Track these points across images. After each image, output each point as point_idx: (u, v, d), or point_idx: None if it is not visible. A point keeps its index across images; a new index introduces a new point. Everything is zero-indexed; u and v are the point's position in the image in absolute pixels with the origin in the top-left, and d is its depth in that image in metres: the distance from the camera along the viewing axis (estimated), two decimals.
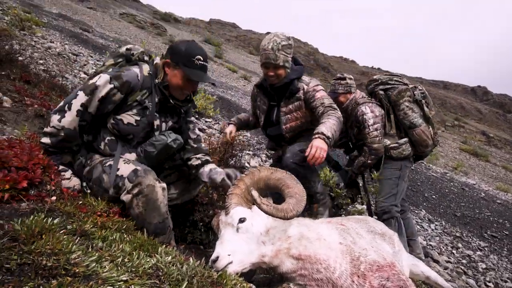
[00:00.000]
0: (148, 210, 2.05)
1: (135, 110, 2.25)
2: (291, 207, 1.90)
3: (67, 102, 2.10)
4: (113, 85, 2.14)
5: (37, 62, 6.17)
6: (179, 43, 2.36)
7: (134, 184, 2.02)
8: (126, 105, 2.24)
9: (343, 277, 1.83)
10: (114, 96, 2.16)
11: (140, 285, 1.24)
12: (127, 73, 2.21)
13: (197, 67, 2.29)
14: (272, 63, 2.91)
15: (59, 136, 2.07)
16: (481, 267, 5.83)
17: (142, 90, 2.27)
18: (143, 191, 2.02)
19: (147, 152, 2.30)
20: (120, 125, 2.22)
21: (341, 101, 3.90)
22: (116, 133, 2.26)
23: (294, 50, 3.13)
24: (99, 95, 2.12)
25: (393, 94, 3.83)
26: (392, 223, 3.74)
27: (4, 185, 1.57)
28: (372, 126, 3.67)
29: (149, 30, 27.18)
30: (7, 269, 1.11)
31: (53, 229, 1.38)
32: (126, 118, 2.23)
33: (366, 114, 3.70)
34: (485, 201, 10.68)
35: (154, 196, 2.06)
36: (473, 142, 29.90)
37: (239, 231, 1.92)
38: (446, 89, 61.86)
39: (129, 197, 2.03)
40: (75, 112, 2.07)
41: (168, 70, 2.32)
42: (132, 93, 2.23)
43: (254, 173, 2.11)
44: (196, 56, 2.27)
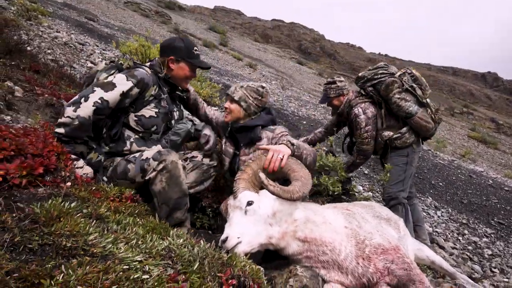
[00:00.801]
0: (170, 185, 2.25)
1: (152, 104, 2.51)
2: (297, 189, 1.98)
3: (83, 96, 2.22)
4: (131, 81, 2.34)
5: (45, 52, 6.22)
6: (175, 41, 2.70)
7: (159, 161, 2.22)
8: (144, 101, 2.47)
9: (348, 259, 1.89)
10: (131, 91, 2.36)
11: (154, 265, 1.30)
12: (137, 71, 2.44)
13: (197, 57, 2.72)
14: (229, 95, 2.80)
15: (73, 125, 2.14)
16: (487, 254, 5.86)
17: (154, 86, 2.51)
18: (167, 167, 2.23)
19: (173, 141, 2.63)
20: (143, 119, 2.46)
21: (335, 105, 4.00)
22: (140, 129, 2.47)
23: (300, 37, 3.10)
24: (121, 90, 2.29)
25: (382, 89, 3.80)
26: (399, 209, 3.77)
27: (22, 171, 1.63)
28: (363, 128, 3.74)
29: (154, 18, 27.04)
30: (30, 249, 1.18)
31: (70, 212, 1.44)
32: (147, 113, 2.47)
33: (359, 116, 3.76)
34: (492, 188, 10.63)
35: (177, 173, 2.27)
36: (482, 129, 29.53)
37: (247, 214, 1.99)
38: (455, 76, 60.85)
39: (154, 174, 2.23)
40: (91, 103, 2.18)
41: (172, 65, 2.64)
42: (146, 89, 2.46)
43: (261, 158, 2.16)
44: (193, 48, 2.69)
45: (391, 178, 3.86)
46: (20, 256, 1.13)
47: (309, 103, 16.35)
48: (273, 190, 1.93)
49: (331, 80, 4.07)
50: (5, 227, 1.23)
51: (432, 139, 5.38)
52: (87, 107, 2.16)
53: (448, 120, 29.12)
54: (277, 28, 51.32)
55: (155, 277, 1.21)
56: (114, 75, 2.40)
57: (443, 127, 24.82)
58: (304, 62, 38.09)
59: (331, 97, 3.99)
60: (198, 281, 1.33)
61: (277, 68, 27.21)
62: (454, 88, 51.07)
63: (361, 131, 3.76)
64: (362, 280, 1.88)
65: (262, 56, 31.39)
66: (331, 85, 4.01)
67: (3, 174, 1.54)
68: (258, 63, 24.43)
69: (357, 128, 3.78)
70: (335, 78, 4.09)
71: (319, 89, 24.06)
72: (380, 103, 3.87)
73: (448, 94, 47.59)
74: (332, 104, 4.03)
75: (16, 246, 1.16)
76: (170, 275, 1.27)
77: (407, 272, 1.88)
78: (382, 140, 3.87)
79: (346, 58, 50.08)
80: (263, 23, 53.08)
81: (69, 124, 2.14)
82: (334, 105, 4.04)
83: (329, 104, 4.12)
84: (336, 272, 1.91)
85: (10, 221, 1.25)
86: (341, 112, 4.00)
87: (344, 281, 1.90)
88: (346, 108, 3.94)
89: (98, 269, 1.14)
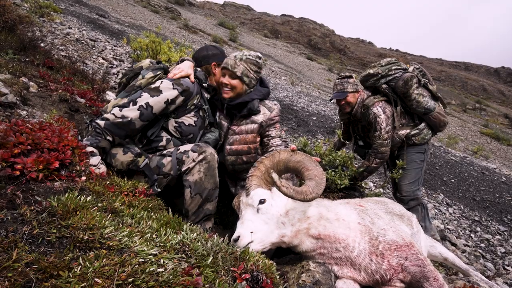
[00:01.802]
0: (207, 175, 2.33)
1: (193, 112, 2.56)
2: (311, 189, 1.92)
3: (132, 100, 2.30)
4: (177, 90, 2.40)
5: (58, 48, 6.30)
6: (208, 48, 2.83)
7: (199, 152, 2.31)
8: (186, 109, 2.52)
9: (361, 256, 1.88)
10: (177, 99, 2.42)
11: (168, 259, 1.31)
12: (184, 80, 2.49)
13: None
14: (229, 69, 2.60)
15: (115, 121, 2.20)
16: (499, 251, 5.77)
17: (197, 95, 2.58)
18: (207, 158, 2.32)
19: None
20: (183, 126, 2.50)
21: (350, 102, 3.69)
22: (177, 135, 2.51)
23: (310, 32, 3.05)
24: (166, 98, 2.34)
25: (400, 86, 3.58)
26: (419, 209, 3.67)
27: (38, 165, 1.66)
28: (384, 128, 3.53)
29: (164, 14, 27.14)
30: (48, 241, 1.20)
31: (86, 206, 1.46)
32: (186, 120, 2.51)
33: (379, 116, 3.54)
34: (506, 185, 10.44)
35: (214, 164, 2.37)
36: (495, 125, 28.97)
37: (259, 212, 1.98)
38: (467, 71, 59.69)
39: (193, 164, 2.29)
40: (137, 107, 2.25)
41: (215, 71, 2.75)
42: (190, 98, 2.51)
43: (274, 155, 2.14)
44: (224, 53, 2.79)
45: (409, 176, 3.73)
46: (39, 248, 1.15)
47: (319, 98, 16.25)
48: (285, 192, 1.89)
49: (348, 74, 3.78)
50: (24, 219, 1.25)
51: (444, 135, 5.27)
52: (133, 109, 2.25)
53: (460, 116, 28.64)
54: (286, 23, 50.99)
55: (170, 270, 1.23)
56: (161, 79, 2.46)
57: (455, 123, 24.43)
58: (314, 58, 37.83)
59: (348, 92, 3.65)
60: (212, 275, 1.33)
61: (287, 64, 27.08)
62: (466, 84, 50.14)
63: (381, 132, 3.54)
64: (375, 277, 1.87)
65: (271, 51, 31.27)
66: (348, 79, 3.69)
67: (20, 168, 1.56)
68: (267, 59, 24.34)
69: (377, 129, 3.56)
70: (346, 73, 3.84)
71: (329, 84, 23.87)
72: (395, 101, 3.70)
73: (460, 90, 46.76)
74: (346, 100, 3.68)
75: (34, 239, 1.18)
76: (184, 269, 1.28)
77: (421, 269, 1.86)
78: (400, 139, 3.72)
79: (356, 53, 49.54)
80: (272, 18, 52.80)
81: (111, 120, 2.20)
82: (348, 102, 3.69)
83: (342, 102, 3.73)
84: (349, 269, 1.91)
85: (28, 214, 1.27)
86: (354, 113, 3.75)
87: (357, 277, 1.89)
88: (360, 108, 3.69)
89: (115, 262, 1.16)
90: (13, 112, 2.54)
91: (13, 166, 1.56)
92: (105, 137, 2.23)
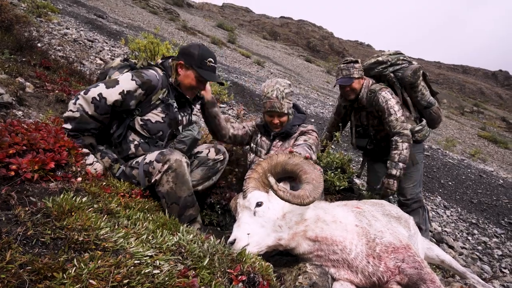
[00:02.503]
0: (178, 184, 2.23)
1: (159, 108, 2.42)
2: (308, 193, 1.89)
3: (85, 89, 2.21)
4: (135, 81, 2.27)
5: (55, 49, 6.28)
6: (191, 46, 2.53)
7: (163, 162, 2.19)
8: (151, 105, 2.40)
9: (358, 258, 1.87)
10: (136, 92, 2.28)
11: (164, 261, 1.30)
12: (147, 72, 2.36)
13: (209, 69, 2.51)
14: (277, 112, 2.80)
15: (76, 118, 2.15)
16: (497, 254, 5.78)
17: (163, 89, 2.43)
18: (172, 166, 2.20)
19: (178, 149, 2.45)
20: (149, 124, 2.39)
21: (355, 88, 3.49)
22: (145, 134, 2.40)
23: (309, 34, 3.05)
24: (121, 89, 2.23)
25: (408, 75, 3.47)
26: (420, 212, 3.58)
27: (34, 166, 1.65)
28: (398, 111, 3.34)
29: (162, 15, 27.11)
30: (42, 242, 1.19)
31: (81, 207, 1.45)
32: (153, 117, 2.40)
33: (390, 100, 3.35)
34: (503, 188, 10.48)
35: (183, 171, 2.25)
36: (492, 129, 29.09)
37: (256, 215, 1.97)
38: (465, 74, 59.97)
39: (159, 175, 2.20)
40: (90, 98, 2.16)
41: (181, 71, 2.51)
42: (154, 92, 2.38)
43: (272, 157, 2.13)
44: (208, 58, 2.49)
45: (413, 178, 3.59)
46: (33, 250, 1.14)
47: (317, 100, 16.27)
48: (282, 196, 1.86)
49: (354, 59, 3.55)
50: (18, 220, 1.24)
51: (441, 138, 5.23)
52: (86, 99, 2.15)
53: (457, 119, 28.75)
54: (285, 25, 51.10)
55: (165, 272, 1.22)
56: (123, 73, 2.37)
57: (452, 126, 24.52)
58: (313, 60, 37.90)
59: (354, 78, 3.44)
60: (208, 276, 1.33)
61: (285, 66, 27.12)
62: (464, 87, 50.38)
63: (396, 114, 3.31)
64: (372, 279, 1.87)
65: (270, 53, 31.31)
66: (354, 64, 3.48)
67: (15, 168, 1.55)
68: (266, 61, 24.36)
69: (391, 113, 3.33)
70: (352, 58, 3.60)
71: (327, 86, 23.92)
72: (400, 92, 3.58)
73: (458, 93, 46.98)
74: (351, 86, 3.46)
75: (29, 240, 1.17)
76: (180, 270, 1.27)
77: (418, 271, 1.86)
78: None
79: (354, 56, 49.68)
80: (271, 20, 52.89)
81: (72, 118, 2.15)
82: (353, 88, 3.48)
83: (347, 88, 3.51)
84: (346, 271, 1.90)
85: (23, 215, 1.26)
86: (360, 99, 3.53)
87: (354, 279, 1.88)
88: (366, 93, 3.48)
89: (110, 263, 1.15)
90: (8, 112, 2.52)
91: (8, 166, 1.55)
92: (84, 134, 2.21)
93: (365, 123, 3.72)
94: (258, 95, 11.70)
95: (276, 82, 2.85)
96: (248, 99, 10.77)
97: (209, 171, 2.67)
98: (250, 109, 9.98)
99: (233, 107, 8.84)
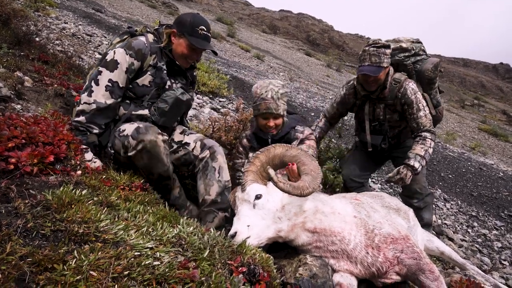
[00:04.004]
0: (153, 161, 2.23)
1: (149, 72, 2.41)
2: (307, 184, 1.91)
3: (92, 79, 2.23)
4: (129, 55, 2.29)
5: (53, 43, 6.25)
6: (185, 14, 2.50)
7: (138, 141, 2.15)
8: (142, 71, 2.40)
9: (357, 249, 1.88)
10: (133, 65, 2.32)
11: (165, 252, 1.31)
12: (135, 42, 2.35)
13: (200, 37, 2.44)
14: (273, 113, 2.70)
15: (91, 110, 2.18)
16: (496, 246, 5.80)
17: (152, 55, 2.41)
18: (146, 147, 2.16)
19: (160, 109, 2.44)
20: (136, 87, 2.39)
21: (380, 78, 3.03)
22: (131, 96, 2.41)
23: (308, 28, 2.96)
24: (124, 68, 2.26)
25: (429, 69, 3.17)
26: (431, 208, 3.46)
27: (33, 159, 1.64)
28: (426, 107, 3.05)
29: (161, 9, 26.94)
30: (43, 235, 1.19)
31: (81, 199, 1.46)
32: (141, 81, 2.39)
33: (418, 93, 3.03)
34: (503, 181, 10.49)
35: (157, 151, 2.20)
36: (493, 122, 29.04)
37: (256, 207, 1.97)
38: (466, 67, 59.72)
39: (134, 152, 2.18)
40: (103, 87, 2.21)
41: (174, 39, 2.47)
42: (144, 59, 2.38)
43: (269, 150, 2.13)
44: (200, 26, 2.42)
45: (424, 176, 3.41)
46: (33, 242, 1.14)
47: (318, 94, 16.23)
48: (282, 187, 1.88)
49: (385, 43, 2.98)
50: (18, 213, 1.24)
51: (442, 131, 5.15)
52: (101, 90, 2.20)
53: (458, 113, 28.69)
54: (285, 19, 50.78)
55: (166, 264, 1.22)
56: (114, 49, 2.33)
57: (453, 120, 24.47)
58: (312, 54, 37.71)
59: (384, 68, 2.95)
60: (209, 268, 1.33)
61: (285, 60, 27.00)
62: (464, 80, 50.21)
63: (425, 110, 3.02)
64: (371, 270, 1.88)
65: (269, 47, 31.16)
66: (386, 49, 2.95)
67: (14, 162, 1.55)
68: (265, 55, 24.25)
69: (420, 108, 3.02)
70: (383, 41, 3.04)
71: (327, 80, 23.83)
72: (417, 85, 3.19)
73: (459, 86, 46.83)
74: (378, 77, 2.98)
75: (29, 232, 1.18)
76: (180, 262, 1.27)
77: (417, 261, 1.86)
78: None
79: (355, 49, 49.41)
80: (270, 13, 52.55)
81: (87, 111, 2.17)
82: (377, 80, 3.02)
83: (372, 78, 3.00)
84: (345, 262, 1.91)
85: (22, 207, 1.26)
86: (384, 91, 3.11)
87: (353, 270, 1.89)
88: (390, 84, 3.08)
89: (110, 255, 1.15)
90: (7, 106, 2.51)
91: (7, 160, 1.55)
92: (91, 132, 2.22)
93: (381, 118, 3.27)
94: None
95: (269, 82, 2.77)
96: (247, 93, 10.74)
97: (206, 177, 2.49)
98: (249, 102, 9.96)
99: (233, 101, 8.81)
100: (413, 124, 3.08)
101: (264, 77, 15.60)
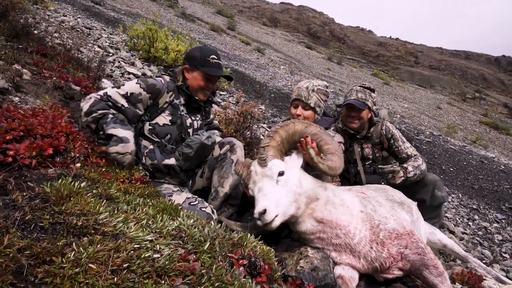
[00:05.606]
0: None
1: (167, 111, 2.48)
2: (338, 164, 1.93)
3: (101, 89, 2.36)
4: (139, 85, 2.36)
5: (52, 36, 6.19)
6: (193, 49, 2.63)
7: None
8: (159, 108, 2.45)
9: (362, 243, 1.86)
10: (140, 95, 2.35)
11: (165, 245, 1.29)
12: (151, 79, 2.46)
13: (213, 66, 2.54)
14: (302, 101, 2.68)
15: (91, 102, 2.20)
16: (497, 239, 5.81)
17: (169, 93, 2.49)
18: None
19: (185, 154, 2.45)
20: (157, 127, 2.43)
21: (362, 117, 3.17)
22: (154, 138, 2.43)
23: (309, 20, 2.91)
24: (126, 90, 2.31)
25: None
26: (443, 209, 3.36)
27: (31, 152, 1.62)
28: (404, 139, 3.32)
29: (161, 2, 26.70)
30: (41, 227, 1.17)
31: (80, 192, 1.44)
32: (161, 120, 2.44)
33: (395, 128, 3.34)
34: (504, 174, 10.48)
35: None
36: (494, 115, 28.94)
37: (279, 184, 1.89)
38: (467, 60, 59.28)
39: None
40: (99, 97, 2.26)
41: (187, 74, 2.57)
42: (160, 95, 2.44)
43: (289, 125, 2.05)
44: (210, 56, 2.53)
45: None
46: (31, 234, 1.13)
47: None
48: (322, 168, 1.88)
49: (371, 87, 3.34)
50: (16, 205, 1.22)
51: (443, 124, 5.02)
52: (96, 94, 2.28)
53: (459, 106, 28.60)
54: (285, 11, 50.36)
55: (166, 256, 1.21)
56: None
57: (454, 113, 24.40)
58: (313, 47, 37.51)
59: (368, 106, 3.14)
60: (209, 260, 1.32)
61: (286, 53, 26.85)
62: (466, 73, 49.89)
63: (406, 143, 3.28)
64: (374, 265, 1.86)
65: (270, 40, 30.96)
66: (371, 92, 3.26)
67: (13, 154, 1.53)
68: (266, 48, 24.10)
69: (404, 141, 3.28)
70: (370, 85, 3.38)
71: (328, 73, 23.71)
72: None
73: (460, 79, 46.58)
74: (360, 115, 3.14)
75: (27, 224, 1.16)
76: (181, 255, 1.26)
77: (421, 257, 1.85)
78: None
79: (356, 42, 49.11)
80: (271, 6, 52.13)
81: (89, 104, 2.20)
82: (360, 117, 3.16)
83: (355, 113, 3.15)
84: (347, 256, 1.89)
85: (20, 200, 1.24)
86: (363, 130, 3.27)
87: (356, 264, 1.88)
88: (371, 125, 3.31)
89: (109, 248, 1.13)
90: (5, 98, 2.49)
91: (5, 152, 1.53)
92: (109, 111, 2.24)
93: (371, 157, 3.37)
94: (258, 82, 11.61)
95: (312, 79, 2.79)
96: (248, 86, 10.70)
97: (222, 168, 2.50)
98: (250, 96, 9.91)
99: (233, 94, 8.77)
100: (403, 156, 3.27)
101: (264, 70, 15.52)
